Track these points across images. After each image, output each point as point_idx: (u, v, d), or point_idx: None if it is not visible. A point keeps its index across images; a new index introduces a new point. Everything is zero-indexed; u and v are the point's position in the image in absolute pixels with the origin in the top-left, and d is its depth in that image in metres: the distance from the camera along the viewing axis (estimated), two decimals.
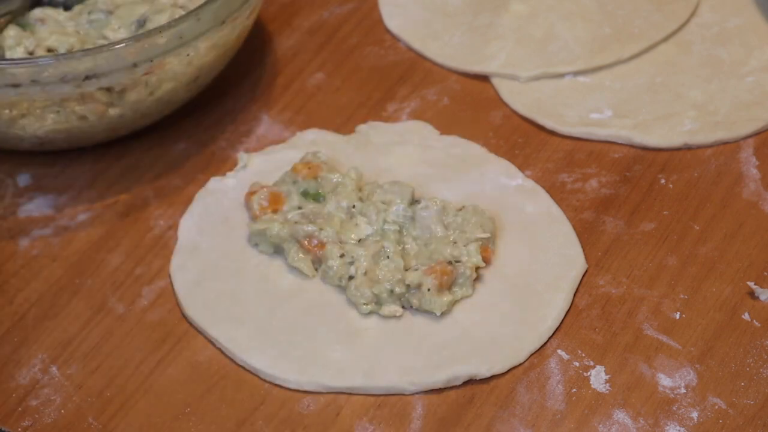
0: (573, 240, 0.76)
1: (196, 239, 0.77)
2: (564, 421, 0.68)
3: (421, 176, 0.80)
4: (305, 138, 0.83)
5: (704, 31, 0.90)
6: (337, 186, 0.77)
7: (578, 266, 0.75)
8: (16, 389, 0.71)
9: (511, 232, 0.76)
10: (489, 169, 0.81)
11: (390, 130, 0.84)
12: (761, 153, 0.82)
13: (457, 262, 0.73)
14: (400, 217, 0.75)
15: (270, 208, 0.77)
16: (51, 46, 0.81)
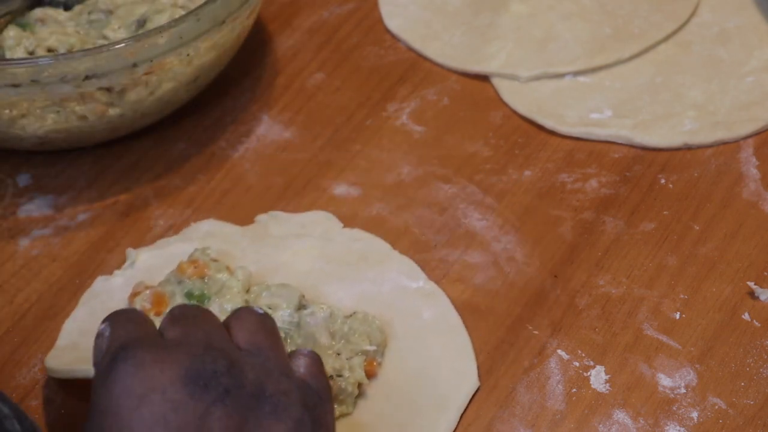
0: (467, 353, 0.71)
1: (76, 339, 0.72)
2: (564, 421, 0.68)
3: (317, 273, 0.75)
4: (200, 229, 0.78)
5: (704, 31, 0.90)
6: (222, 287, 0.71)
7: (469, 384, 0.70)
8: (15, 389, 0.71)
9: (403, 340, 0.71)
10: (390, 267, 0.75)
11: (291, 220, 0.79)
12: (761, 153, 0.82)
13: (339, 376, 0.67)
14: (285, 324, 0.69)
15: (153, 310, 0.71)
16: (51, 46, 0.81)
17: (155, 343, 0.54)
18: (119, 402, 0.52)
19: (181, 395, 0.52)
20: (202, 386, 0.52)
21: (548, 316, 0.73)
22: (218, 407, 0.52)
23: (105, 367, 0.54)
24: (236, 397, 0.53)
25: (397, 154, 0.83)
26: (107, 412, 0.52)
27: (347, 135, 0.85)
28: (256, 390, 0.54)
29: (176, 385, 0.52)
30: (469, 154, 0.83)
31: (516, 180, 0.81)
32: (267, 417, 0.53)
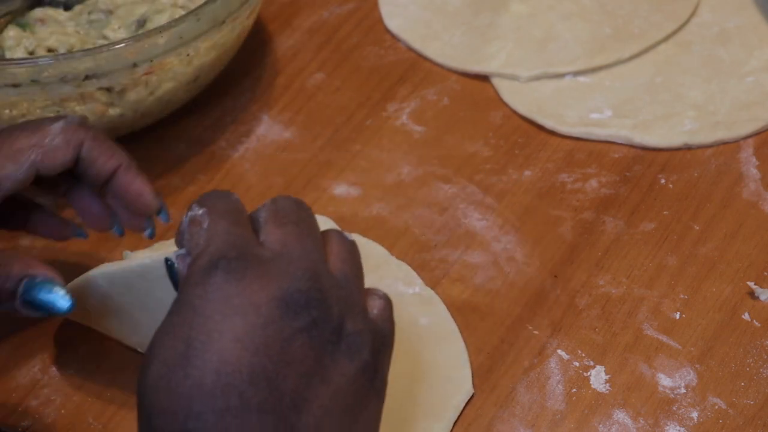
0: (462, 361, 0.71)
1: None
2: (564, 421, 0.68)
3: None
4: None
5: (704, 31, 0.90)
6: None
7: (463, 392, 0.69)
8: (16, 389, 0.71)
9: (399, 347, 0.68)
10: (386, 273, 0.75)
11: None
12: (761, 153, 0.82)
13: None
14: None
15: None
16: (51, 46, 0.81)
17: (257, 256, 0.55)
18: (214, 306, 0.53)
19: (274, 316, 0.53)
20: (294, 312, 0.54)
21: (548, 316, 0.73)
22: (303, 336, 0.54)
23: (204, 268, 0.54)
24: (321, 330, 0.54)
25: (397, 154, 0.83)
26: (199, 311, 0.53)
27: (347, 135, 0.85)
28: (338, 326, 0.55)
29: (271, 305, 0.53)
30: (469, 154, 0.83)
31: (516, 180, 0.81)
32: (342, 355, 0.55)
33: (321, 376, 0.54)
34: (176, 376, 0.53)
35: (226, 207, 0.58)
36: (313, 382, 0.54)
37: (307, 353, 0.54)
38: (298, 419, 0.53)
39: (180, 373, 0.53)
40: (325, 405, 0.54)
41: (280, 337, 0.53)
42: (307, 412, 0.53)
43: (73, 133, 0.67)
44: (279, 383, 0.53)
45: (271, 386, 0.53)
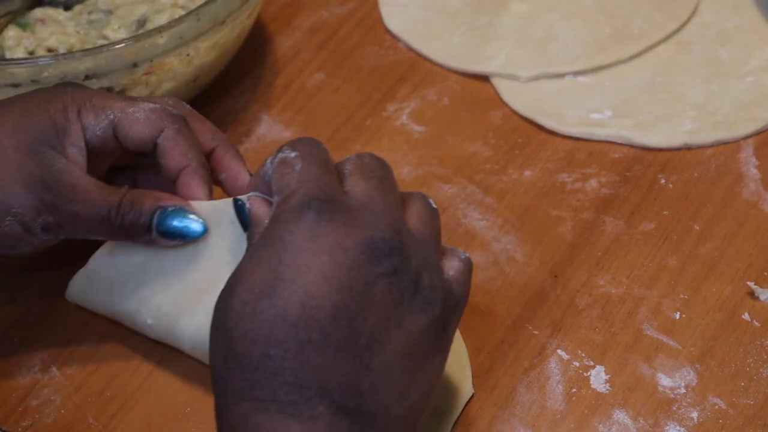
0: (463, 361, 0.71)
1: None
2: (564, 421, 0.68)
3: None
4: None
5: (704, 31, 0.90)
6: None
7: (463, 392, 0.69)
8: (16, 389, 0.71)
9: None
10: None
11: None
12: (761, 153, 0.82)
13: None
14: None
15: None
16: (51, 46, 0.81)
17: (345, 203, 0.58)
18: (305, 244, 0.57)
19: (359, 259, 0.57)
20: (377, 259, 0.57)
21: (548, 316, 0.73)
22: (384, 281, 0.57)
23: (296, 207, 0.58)
24: (400, 278, 0.57)
25: (397, 154, 0.83)
26: (289, 246, 0.57)
27: (347, 135, 0.85)
28: (416, 278, 0.58)
29: (357, 249, 0.57)
30: (469, 154, 0.83)
31: (516, 180, 0.81)
32: (417, 306, 0.58)
33: (396, 321, 0.57)
34: (262, 304, 0.56)
35: (318, 155, 0.61)
36: (389, 326, 0.57)
37: (386, 298, 0.57)
38: (371, 359, 0.56)
39: (266, 302, 0.56)
40: (397, 350, 0.57)
41: (364, 280, 0.56)
42: (380, 353, 0.56)
43: (157, 115, 0.68)
44: (358, 324, 0.56)
45: (351, 325, 0.56)
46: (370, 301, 0.57)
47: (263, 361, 0.56)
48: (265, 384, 0.56)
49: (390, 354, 0.57)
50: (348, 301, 0.56)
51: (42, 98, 0.68)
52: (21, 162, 0.66)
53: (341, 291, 0.56)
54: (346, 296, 0.56)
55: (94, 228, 0.67)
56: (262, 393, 0.56)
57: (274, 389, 0.55)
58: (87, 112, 0.68)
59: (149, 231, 0.67)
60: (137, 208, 0.66)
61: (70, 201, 0.66)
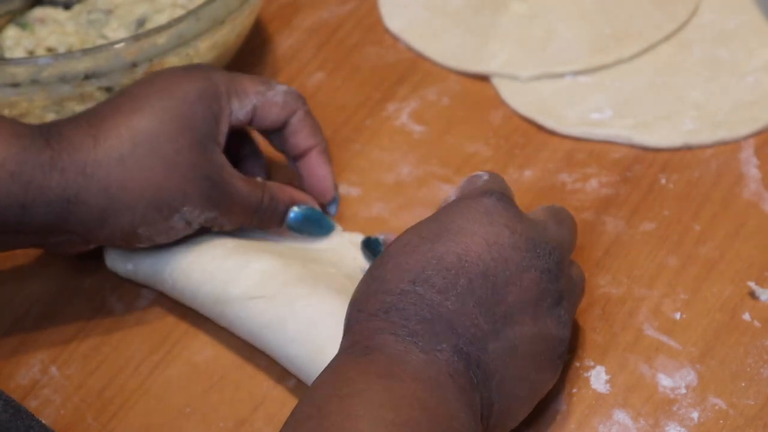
0: None
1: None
2: (564, 421, 0.68)
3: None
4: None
5: (704, 31, 0.90)
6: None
7: None
8: (15, 389, 0.71)
9: None
10: None
11: None
12: (762, 153, 0.82)
13: None
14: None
15: None
16: (50, 45, 0.81)
17: (522, 211, 0.65)
18: (478, 216, 0.63)
19: (522, 245, 0.62)
20: (539, 253, 0.63)
21: None
22: (536, 273, 0.62)
23: (477, 193, 0.64)
24: (549, 280, 0.63)
25: (397, 154, 0.83)
26: (464, 211, 0.63)
27: (347, 135, 0.85)
28: (559, 295, 0.64)
29: (523, 236, 0.63)
30: (469, 154, 0.83)
31: (516, 180, 0.81)
32: (554, 315, 0.63)
33: (533, 313, 0.62)
34: (424, 245, 0.61)
35: (504, 183, 0.68)
36: (526, 312, 0.62)
37: (532, 288, 0.62)
38: (503, 328, 0.61)
39: (428, 245, 0.61)
40: (526, 335, 0.62)
41: (519, 262, 0.62)
42: (512, 328, 0.61)
43: (292, 98, 0.75)
44: (501, 293, 0.61)
45: (495, 290, 0.61)
46: (518, 282, 0.62)
47: (407, 289, 0.60)
48: (402, 309, 0.60)
49: (519, 335, 0.61)
50: (499, 271, 0.61)
51: (198, 85, 0.71)
52: (195, 160, 0.70)
53: (496, 260, 0.61)
54: (500, 266, 0.61)
55: (240, 220, 0.73)
56: (396, 316, 0.60)
57: (408, 316, 0.60)
58: (235, 97, 0.73)
59: (281, 224, 0.74)
60: (275, 203, 0.73)
61: (228, 195, 0.71)
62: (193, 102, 0.71)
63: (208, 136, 0.71)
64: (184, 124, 0.70)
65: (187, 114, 0.70)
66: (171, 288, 0.73)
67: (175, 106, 0.70)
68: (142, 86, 0.71)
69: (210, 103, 0.71)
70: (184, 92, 0.71)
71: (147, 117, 0.70)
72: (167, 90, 0.71)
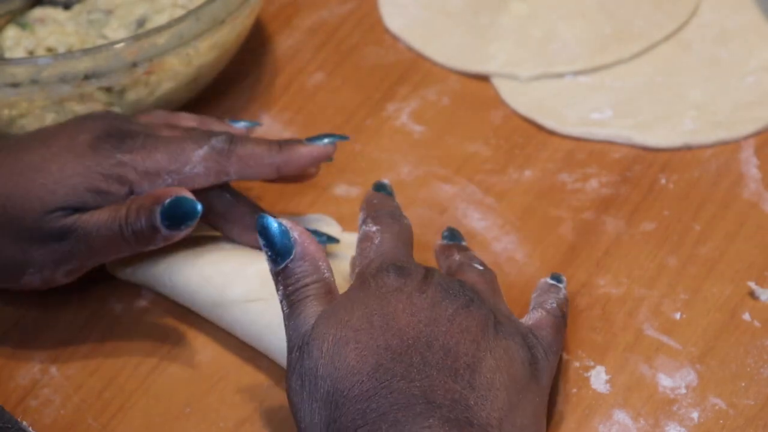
0: None
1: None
2: (564, 421, 0.68)
3: None
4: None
5: (705, 31, 0.90)
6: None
7: None
8: (15, 389, 0.71)
9: None
10: None
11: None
12: (762, 153, 0.82)
13: None
14: None
15: None
16: (50, 45, 0.81)
17: (419, 268, 0.65)
18: (389, 293, 0.62)
19: (437, 297, 0.63)
20: (453, 294, 0.63)
21: None
22: (463, 312, 0.62)
23: (376, 271, 0.64)
24: (478, 309, 0.63)
25: (397, 154, 0.83)
26: (376, 295, 0.62)
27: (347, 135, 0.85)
28: (492, 314, 0.64)
29: (434, 290, 0.63)
30: (469, 154, 0.83)
31: (516, 180, 0.81)
32: (501, 334, 0.63)
33: (485, 345, 0.62)
34: (363, 340, 0.61)
35: (398, 229, 0.69)
36: (480, 349, 0.62)
37: (469, 326, 0.62)
38: (473, 378, 0.60)
39: (365, 337, 0.61)
40: (493, 368, 0.61)
41: (445, 314, 0.62)
42: (479, 372, 0.61)
43: (215, 162, 0.70)
44: (452, 348, 0.61)
45: (445, 350, 0.61)
46: (456, 330, 0.61)
47: (371, 387, 0.59)
48: (376, 407, 0.58)
49: (488, 372, 0.61)
50: (436, 332, 0.61)
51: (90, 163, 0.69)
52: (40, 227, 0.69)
53: (429, 325, 0.61)
54: (434, 328, 0.61)
55: (111, 250, 0.69)
56: (373, 416, 0.58)
57: (384, 410, 0.58)
58: (145, 180, 0.69)
59: (159, 230, 0.68)
60: (143, 212, 0.68)
61: (82, 239, 0.68)
62: (68, 174, 0.68)
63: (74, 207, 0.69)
64: (48, 188, 0.68)
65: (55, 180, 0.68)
66: (170, 291, 0.73)
67: (44, 170, 0.68)
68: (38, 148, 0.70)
69: (98, 184, 0.69)
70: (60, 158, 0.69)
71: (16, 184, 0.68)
72: (46, 146, 0.69)
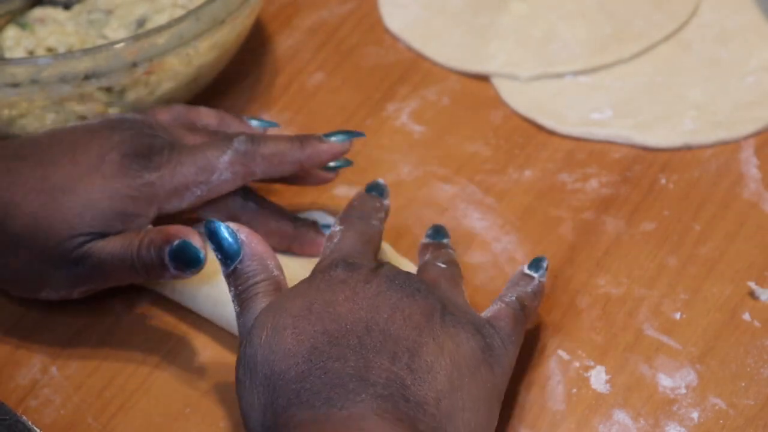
0: None
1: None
2: (564, 422, 0.68)
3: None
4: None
5: (705, 31, 0.90)
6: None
7: None
8: (15, 389, 0.71)
9: None
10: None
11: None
12: (762, 153, 0.82)
13: None
14: None
15: None
16: (51, 45, 0.81)
17: (370, 264, 0.65)
18: (334, 285, 0.63)
19: (382, 286, 0.63)
20: (398, 285, 0.64)
21: (548, 316, 0.73)
22: (407, 300, 0.63)
23: (326, 266, 0.65)
24: (424, 298, 0.63)
25: (397, 154, 0.83)
26: (321, 287, 0.64)
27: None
28: (441, 304, 0.64)
29: (380, 280, 0.64)
30: (469, 154, 0.83)
31: (516, 180, 0.81)
32: (448, 323, 0.63)
33: (429, 332, 0.62)
34: (301, 325, 0.62)
35: (362, 228, 0.70)
36: (423, 335, 0.62)
37: (413, 314, 0.62)
38: (411, 361, 0.61)
39: (304, 323, 0.62)
40: (435, 353, 0.62)
41: (388, 302, 0.63)
42: (419, 356, 0.61)
43: (241, 165, 0.71)
44: (393, 333, 0.61)
45: (385, 335, 0.61)
46: (399, 317, 0.62)
47: (306, 368, 0.60)
48: (309, 387, 0.59)
49: (428, 356, 0.61)
50: (377, 318, 0.62)
51: (121, 190, 0.70)
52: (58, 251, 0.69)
53: (369, 312, 0.62)
54: (375, 315, 0.62)
55: (124, 278, 0.70)
56: (307, 395, 0.59)
57: (318, 390, 0.59)
58: (174, 197, 0.71)
59: (163, 268, 0.68)
60: (153, 248, 0.68)
61: (97, 266, 0.69)
62: (95, 200, 0.69)
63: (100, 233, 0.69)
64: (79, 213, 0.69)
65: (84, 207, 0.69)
66: (171, 291, 0.73)
67: (78, 189, 0.69)
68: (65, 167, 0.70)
69: (126, 207, 0.69)
70: (100, 193, 0.69)
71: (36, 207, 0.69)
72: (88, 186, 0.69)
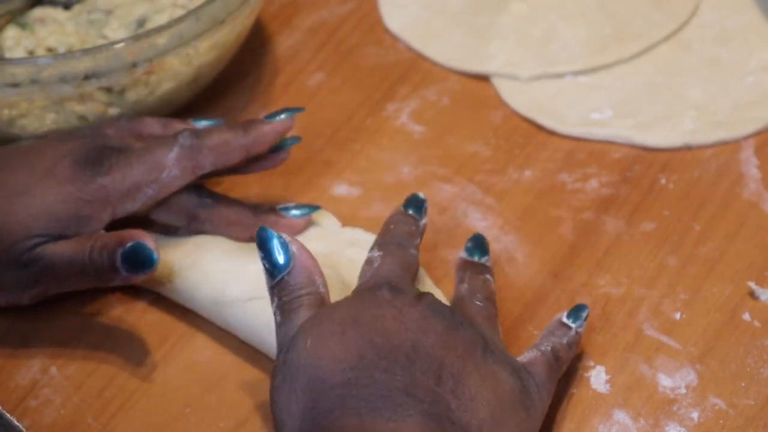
0: None
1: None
2: (564, 421, 0.68)
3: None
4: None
5: (705, 31, 0.90)
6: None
7: None
8: (15, 389, 0.71)
9: None
10: None
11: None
12: (762, 153, 0.82)
13: None
14: None
15: None
16: (51, 45, 0.81)
17: (413, 290, 0.65)
18: (380, 303, 0.63)
19: (425, 314, 0.63)
20: (442, 314, 0.63)
21: (548, 316, 0.73)
22: (452, 332, 0.63)
23: (371, 286, 0.65)
24: (466, 331, 0.63)
25: (397, 154, 0.83)
26: (367, 303, 0.63)
27: (347, 135, 0.85)
28: (484, 340, 0.64)
29: (423, 307, 0.63)
30: (469, 154, 0.83)
31: (516, 180, 0.81)
32: (490, 358, 0.63)
33: (473, 363, 0.62)
34: (349, 334, 0.61)
35: (400, 255, 0.69)
36: (467, 365, 0.62)
37: (457, 344, 0.62)
38: (456, 387, 0.61)
39: (351, 333, 0.61)
40: (479, 384, 0.62)
41: (433, 329, 0.62)
42: (463, 384, 0.61)
43: (188, 160, 0.71)
44: (438, 357, 0.61)
45: (431, 357, 0.61)
46: (444, 345, 0.62)
47: (353, 376, 0.59)
48: (356, 394, 0.59)
49: (473, 386, 0.61)
50: (423, 341, 0.61)
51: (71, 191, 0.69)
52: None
53: (416, 333, 0.62)
54: (421, 337, 0.62)
55: (75, 282, 0.70)
56: (353, 401, 0.59)
57: (365, 398, 0.59)
58: (128, 199, 0.71)
59: (114, 271, 0.68)
60: (105, 252, 0.68)
61: (48, 268, 0.69)
62: (53, 201, 0.69)
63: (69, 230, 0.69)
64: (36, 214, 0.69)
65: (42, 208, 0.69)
66: (170, 290, 0.73)
67: (36, 192, 0.69)
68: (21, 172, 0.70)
69: (81, 210, 0.70)
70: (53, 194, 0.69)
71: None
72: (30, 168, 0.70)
